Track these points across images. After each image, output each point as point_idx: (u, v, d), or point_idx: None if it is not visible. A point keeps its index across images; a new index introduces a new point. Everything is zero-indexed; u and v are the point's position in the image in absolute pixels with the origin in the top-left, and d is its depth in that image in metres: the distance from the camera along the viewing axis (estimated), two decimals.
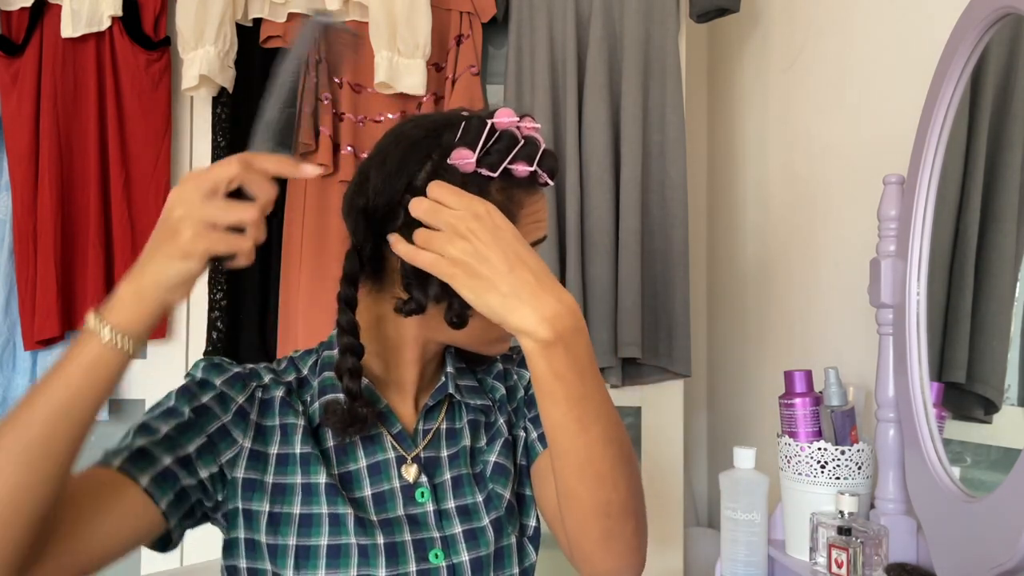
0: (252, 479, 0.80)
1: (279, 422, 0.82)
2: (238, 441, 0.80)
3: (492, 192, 0.77)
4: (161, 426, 0.76)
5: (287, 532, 0.78)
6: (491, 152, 0.76)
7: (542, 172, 0.79)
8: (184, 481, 0.76)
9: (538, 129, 0.80)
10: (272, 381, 0.84)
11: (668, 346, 1.71)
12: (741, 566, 1.07)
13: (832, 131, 1.43)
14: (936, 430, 0.94)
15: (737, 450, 1.08)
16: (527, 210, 0.80)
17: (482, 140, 0.75)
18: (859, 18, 1.35)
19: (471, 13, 1.77)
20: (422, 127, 0.80)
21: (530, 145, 0.78)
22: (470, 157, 0.75)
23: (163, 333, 1.73)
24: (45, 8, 1.67)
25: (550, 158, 0.80)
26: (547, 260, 1.64)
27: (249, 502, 0.79)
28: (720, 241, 2.05)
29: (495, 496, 0.85)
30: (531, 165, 0.77)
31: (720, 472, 1.11)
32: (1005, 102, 0.92)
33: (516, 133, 0.77)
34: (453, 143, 0.76)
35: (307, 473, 0.80)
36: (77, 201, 1.68)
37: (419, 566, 0.79)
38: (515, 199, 0.78)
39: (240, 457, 0.80)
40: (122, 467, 0.73)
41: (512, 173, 0.77)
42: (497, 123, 0.77)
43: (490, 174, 0.76)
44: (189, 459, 0.76)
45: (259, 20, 1.72)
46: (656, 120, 1.73)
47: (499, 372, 0.94)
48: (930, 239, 0.98)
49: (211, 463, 0.78)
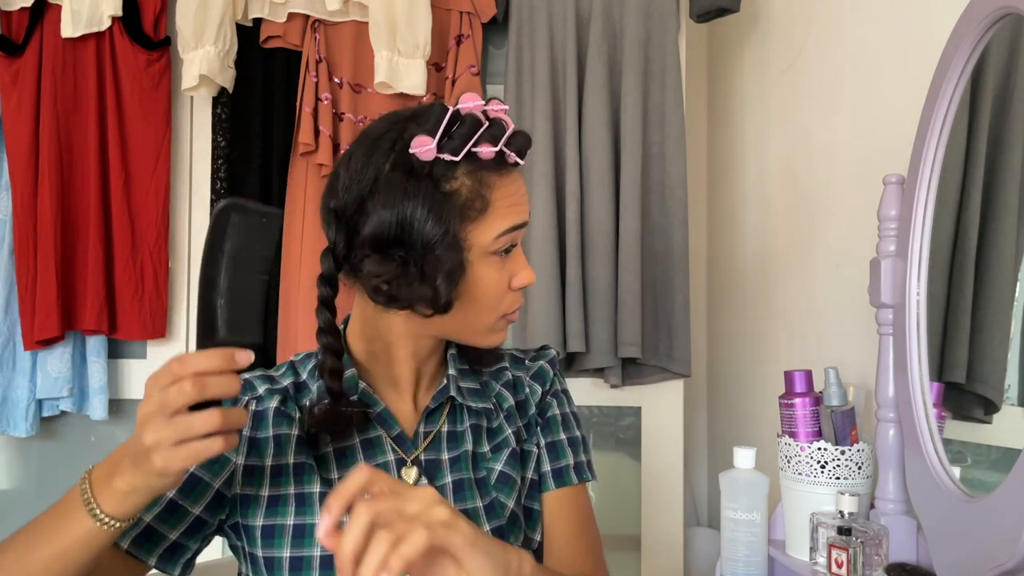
0: (248, 495, 0.80)
1: (272, 433, 0.82)
2: (231, 460, 0.80)
3: (460, 177, 0.77)
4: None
5: (281, 544, 0.79)
6: (453, 136, 0.76)
7: (509, 152, 0.78)
8: (192, 546, 0.80)
9: (505, 111, 0.80)
10: (267, 392, 0.84)
11: (668, 346, 1.71)
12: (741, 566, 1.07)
13: (832, 131, 1.43)
14: (936, 430, 0.94)
15: (737, 450, 1.08)
16: (500, 192, 0.79)
17: (443, 126, 0.75)
18: (859, 18, 1.35)
19: (471, 13, 1.77)
20: (387, 121, 0.81)
21: (495, 126, 0.77)
22: (430, 143, 0.75)
23: (163, 333, 1.73)
24: (45, 8, 1.67)
25: (519, 137, 0.79)
26: (547, 260, 1.64)
27: (246, 517, 0.80)
28: (720, 241, 2.05)
29: (498, 505, 0.85)
30: (495, 145, 0.76)
31: (720, 472, 1.11)
32: (1005, 102, 0.92)
33: (480, 116, 0.77)
34: (415, 133, 0.76)
35: (300, 483, 0.81)
36: (77, 201, 1.68)
37: None
38: (485, 181, 0.78)
39: (235, 475, 0.80)
40: (129, 550, 0.76)
41: (478, 156, 0.77)
42: (461, 108, 0.77)
43: (452, 158, 0.76)
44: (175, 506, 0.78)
45: (259, 20, 1.72)
46: (656, 120, 1.73)
47: (508, 381, 0.93)
48: (930, 239, 0.98)
49: (206, 494, 0.79)
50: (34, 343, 1.64)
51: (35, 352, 1.69)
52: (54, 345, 1.67)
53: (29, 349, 1.67)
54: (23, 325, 1.66)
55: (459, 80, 1.74)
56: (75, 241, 1.68)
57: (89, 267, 1.67)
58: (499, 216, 0.78)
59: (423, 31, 1.67)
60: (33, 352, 1.69)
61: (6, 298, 1.70)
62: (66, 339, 1.68)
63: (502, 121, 0.79)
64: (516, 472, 0.87)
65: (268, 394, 0.84)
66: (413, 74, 1.68)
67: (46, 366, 1.68)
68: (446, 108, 0.76)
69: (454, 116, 0.76)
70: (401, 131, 0.78)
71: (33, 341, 1.64)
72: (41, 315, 1.62)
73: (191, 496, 0.78)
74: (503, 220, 0.78)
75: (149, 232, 1.71)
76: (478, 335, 0.84)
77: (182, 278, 1.79)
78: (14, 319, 1.69)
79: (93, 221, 1.67)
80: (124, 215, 1.68)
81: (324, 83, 1.71)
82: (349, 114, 1.73)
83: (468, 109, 0.77)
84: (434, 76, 1.75)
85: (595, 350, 1.66)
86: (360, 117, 1.74)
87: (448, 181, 0.76)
